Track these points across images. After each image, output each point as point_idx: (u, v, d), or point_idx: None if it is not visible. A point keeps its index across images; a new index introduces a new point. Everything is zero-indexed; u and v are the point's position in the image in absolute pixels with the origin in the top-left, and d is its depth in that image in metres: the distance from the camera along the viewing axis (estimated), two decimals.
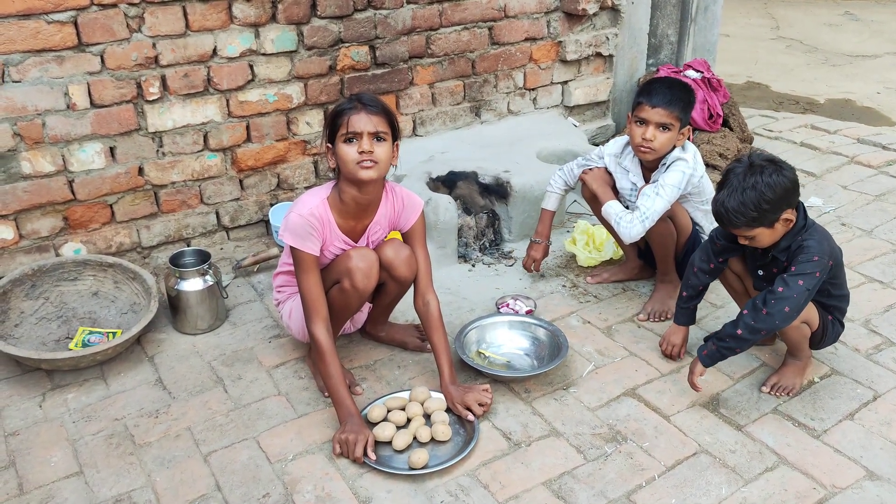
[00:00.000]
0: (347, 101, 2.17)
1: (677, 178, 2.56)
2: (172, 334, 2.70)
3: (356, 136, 2.13)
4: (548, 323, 2.62)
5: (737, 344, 2.20)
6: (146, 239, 3.02)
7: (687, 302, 2.46)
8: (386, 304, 2.51)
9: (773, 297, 2.13)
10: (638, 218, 2.54)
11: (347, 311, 2.32)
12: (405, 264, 2.34)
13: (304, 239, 2.17)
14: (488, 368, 2.44)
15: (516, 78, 3.73)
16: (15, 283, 2.63)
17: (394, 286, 2.40)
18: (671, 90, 2.54)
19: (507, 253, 3.21)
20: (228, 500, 2.00)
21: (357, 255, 2.23)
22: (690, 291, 2.44)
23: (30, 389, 2.42)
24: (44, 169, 2.72)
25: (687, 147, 2.64)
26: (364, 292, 2.25)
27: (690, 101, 2.57)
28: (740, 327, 2.17)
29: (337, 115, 2.16)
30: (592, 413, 2.30)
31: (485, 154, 3.44)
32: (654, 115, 2.53)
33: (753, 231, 2.15)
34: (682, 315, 2.48)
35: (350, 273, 2.21)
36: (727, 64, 6.36)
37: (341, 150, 2.15)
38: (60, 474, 2.08)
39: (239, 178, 3.14)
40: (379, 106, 2.17)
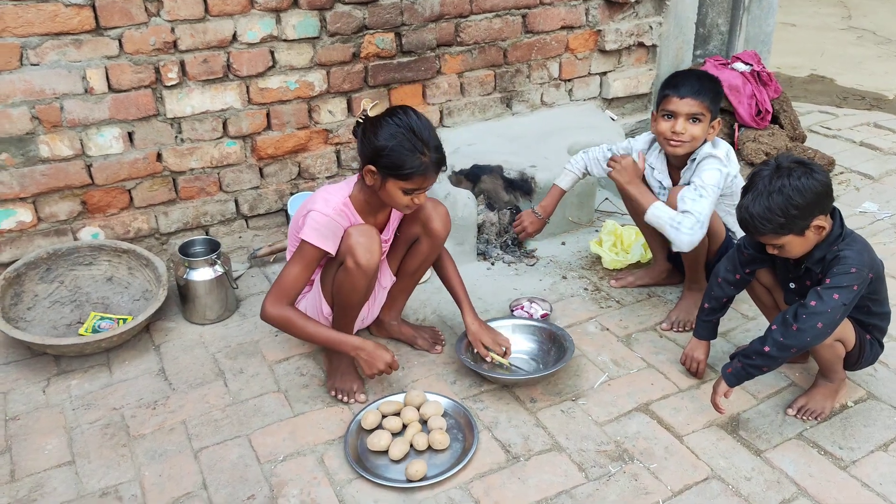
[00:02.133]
0: (414, 152, 2.02)
1: (715, 178, 2.39)
2: (181, 323, 2.68)
3: (417, 191, 2.09)
4: (553, 325, 2.50)
5: (764, 362, 2.03)
6: (164, 225, 3.01)
7: (709, 315, 2.30)
8: (411, 273, 2.43)
9: (804, 312, 1.96)
10: (695, 223, 2.33)
11: (355, 294, 2.20)
12: (441, 219, 2.30)
13: (326, 238, 2.13)
14: (489, 372, 2.34)
15: (551, 68, 3.58)
16: (30, 266, 2.65)
17: (426, 244, 2.33)
18: (699, 80, 2.40)
19: (529, 252, 3.08)
20: (213, 500, 1.95)
21: (357, 232, 2.14)
22: (713, 303, 2.28)
23: (36, 373, 2.43)
24: (62, 153, 2.72)
25: (718, 143, 2.47)
26: (368, 269, 2.14)
27: (719, 92, 2.45)
28: (768, 344, 2.00)
29: (402, 164, 2.03)
30: (600, 428, 2.17)
31: (513, 147, 3.31)
32: (682, 105, 2.38)
33: (782, 239, 1.98)
34: (702, 328, 2.33)
35: (351, 250, 2.12)
36: (789, 55, 6.04)
37: (394, 192, 2.09)
38: (53, 463, 2.08)
39: (259, 167, 3.10)
40: (445, 161, 2.12)
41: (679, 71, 2.54)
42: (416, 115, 2.07)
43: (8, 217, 2.72)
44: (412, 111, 2.08)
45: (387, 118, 2.05)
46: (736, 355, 2.11)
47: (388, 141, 2.02)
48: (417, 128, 2.04)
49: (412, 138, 2.02)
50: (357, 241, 2.13)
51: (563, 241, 3.15)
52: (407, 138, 2.02)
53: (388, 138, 2.02)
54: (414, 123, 2.04)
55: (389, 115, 2.06)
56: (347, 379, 2.32)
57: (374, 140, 2.04)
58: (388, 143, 2.02)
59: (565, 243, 3.14)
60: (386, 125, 2.04)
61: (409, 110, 2.08)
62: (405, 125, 2.03)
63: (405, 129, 2.03)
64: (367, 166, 2.08)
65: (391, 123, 2.03)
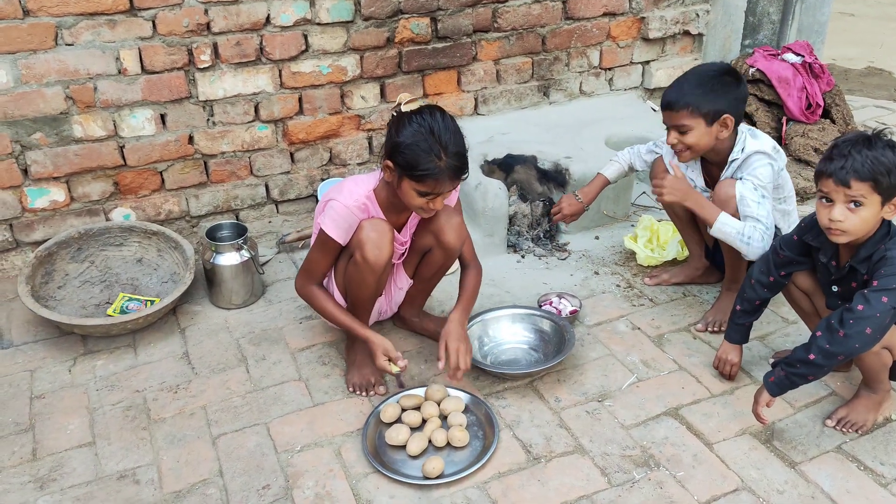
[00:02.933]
0: (430, 154, 1.94)
1: (768, 173, 2.28)
2: (207, 307, 2.67)
3: (433, 196, 2.02)
4: (555, 316, 2.43)
5: (809, 371, 1.93)
6: (195, 208, 3.01)
7: (741, 317, 2.20)
8: (427, 278, 2.37)
9: (851, 317, 1.85)
10: (765, 231, 2.24)
11: (365, 289, 2.18)
12: (454, 230, 2.21)
13: (340, 229, 2.10)
14: (489, 366, 2.28)
15: (591, 56, 3.48)
16: (61, 246, 2.67)
17: (439, 254, 2.27)
18: (679, 84, 2.31)
19: (561, 245, 3.00)
20: (228, 488, 1.94)
21: (369, 226, 2.10)
22: (745, 305, 2.18)
23: (63, 352, 2.45)
24: (95, 133, 2.73)
25: (757, 134, 2.35)
26: (376, 265, 2.10)
27: (703, 84, 2.28)
28: (813, 352, 1.90)
29: (416, 164, 1.95)
30: (626, 431, 2.10)
31: (549, 137, 3.22)
32: (668, 119, 2.32)
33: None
34: (734, 332, 2.23)
35: (360, 244, 2.09)
36: (846, 46, 5.80)
37: (410, 193, 2.02)
38: (74, 443, 2.09)
39: (290, 151, 3.07)
40: (466, 170, 2.04)
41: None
42: (443, 118, 1.99)
43: (42, 196, 2.75)
44: (441, 113, 2.00)
45: (413, 115, 1.98)
46: (778, 363, 2.01)
47: (406, 138, 1.96)
48: (438, 130, 1.95)
49: (430, 139, 1.95)
50: (367, 235, 2.08)
51: (597, 236, 3.06)
52: (425, 139, 1.94)
53: (407, 136, 1.96)
54: (437, 125, 1.96)
55: (417, 112, 1.99)
56: (366, 373, 2.28)
57: (395, 135, 1.99)
58: (405, 141, 1.96)
59: (599, 237, 3.05)
60: (409, 123, 1.97)
61: (437, 112, 2.00)
62: (426, 126, 1.95)
63: (426, 129, 1.95)
64: (386, 161, 2.03)
65: (414, 122, 1.96)
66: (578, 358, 2.38)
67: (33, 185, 2.72)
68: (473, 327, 2.39)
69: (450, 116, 2.02)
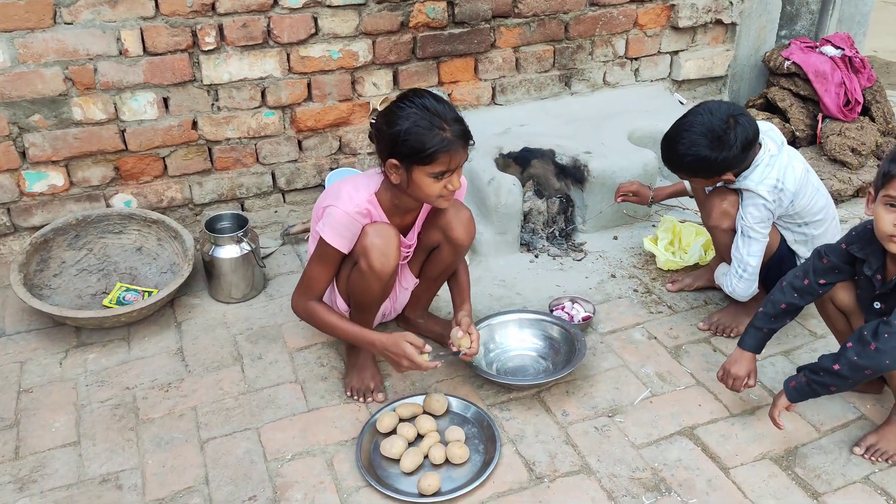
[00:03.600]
0: (433, 129, 1.81)
1: (757, 215, 2.17)
2: (206, 301, 2.58)
3: (449, 173, 1.88)
4: (566, 323, 2.31)
5: (833, 381, 1.80)
6: (198, 196, 2.91)
7: (761, 320, 1.98)
8: (434, 277, 2.25)
9: (887, 330, 1.71)
10: (735, 274, 2.24)
11: (369, 296, 2.06)
12: (463, 225, 2.09)
13: (342, 238, 1.96)
14: (494, 375, 2.16)
15: (616, 45, 3.31)
16: (58, 232, 2.58)
17: (448, 251, 2.14)
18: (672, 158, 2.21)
19: (577, 245, 2.86)
20: (213, 497, 1.84)
21: (373, 231, 1.96)
22: (769, 308, 1.96)
23: (56, 344, 2.37)
24: (95, 116, 2.63)
25: (770, 164, 2.15)
26: (382, 273, 1.98)
27: (681, 158, 2.15)
28: (840, 362, 1.76)
29: (423, 145, 1.81)
30: (637, 451, 1.97)
31: (569, 130, 3.07)
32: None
33: None
34: (749, 336, 2.00)
35: (365, 251, 1.96)
36: (890, 38, 5.53)
37: (423, 182, 1.88)
38: (58, 442, 2.01)
39: (297, 139, 2.96)
40: (470, 134, 1.91)
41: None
42: (429, 95, 1.87)
43: (40, 180, 2.67)
44: (423, 91, 1.89)
45: (397, 104, 1.86)
46: (803, 369, 1.87)
47: (401, 125, 1.82)
48: (430, 104, 1.84)
49: (427, 115, 1.82)
50: (372, 242, 1.96)
51: (616, 236, 2.91)
52: (421, 116, 1.82)
53: (400, 122, 1.83)
54: (426, 101, 1.85)
55: (397, 100, 1.87)
56: (365, 377, 2.17)
57: (386, 130, 1.85)
58: (402, 127, 1.82)
59: (617, 237, 2.90)
60: (396, 110, 1.84)
61: (418, 90, 1.88)
62: (418, 105, 1.83)
63: (417, 107, 1.83)
64: (388, 161, 1.89)
65: (402, 107, 1.84)
66: (589, 368, 2.25)
67: (31, 168, 2.64)
68: (479, 332, 2.26)
69: (430, 91, 1.91)
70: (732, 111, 2.10)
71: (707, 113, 2.10)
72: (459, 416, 2.07)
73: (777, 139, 2.20)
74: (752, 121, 2.11)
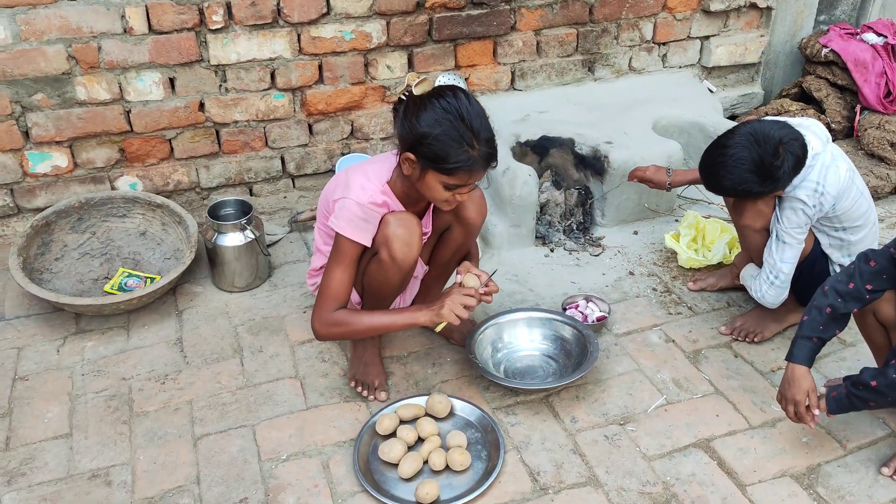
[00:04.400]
0: (462, 144, 1.70)
1: (794, 220, 2.01)
2: (209, 289, 2.51)
3: (462, 187, 1.80)
4: (577, 322, 2.19)
5: (870, 397, 1.70)
6: (205, 179, 2.83)
7: (809, 329, 1.77)
8: (444, 262, 2.15)
9: None
10: (765, 280, 2.09)
11: (387, 288, 1.97)
12: (476, 205, 2.01)
13: (362, 230, 1.86)
14: (501, 378, 2.06)
15: (643, 29, 3.16)
16: (60, 215, 2.52)
17: (459, 232, 2.05)
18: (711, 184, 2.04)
19: (595, 239, 2.73)
20: (203, 498, 1.78)
21: (395, 221, 1.87)
22: (815, 315, 1.77)
23: (55, 330, 2.32)
24: (99, 96, 2.56)
25: (811, 166, 1.98)
26: (404, 264, 1.89)
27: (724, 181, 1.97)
28: (879, 379, 1.66)
29: (446, 156, 1.72)
30: (648, 463, 1.86)
31: (590, 118, 2.94)
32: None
33: None
34: (800, 348, 1.78)
35: (387, 241, 1.86)
36: None
37: (433, 185, 1.79)
38: (50, 434, 1.95)
39: (308, 123, 2.86)
40: (497, 156, 1.80)
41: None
42: (468, 100, 1.74)
43: (43, 161, 2.61)
44: (464, 94, 1.75)
45: (433, 100, 1.72)
46: (848, 379, 1.76)
47: (432, 128, 1.70)
48: (468, 115, 1.71)
49: (460, 127, 1.70)
50: (395, 232, 1.86)
51: (636, 231, 2.78)
52: (454, 126, 1.70)
53: (432, 125, 1.71)
54: (465, 109, 1.71)
55: (437, 96, 1.73)
56: (370, 371, 2.09)
57: (416, 124, 1.73)
58: (431, 131, 1.70)
59: (638, 232, 2.78)
60: (431, 108, 1.71)
61: (460, 93, 1.75)
62: (454, 110, 1.70)
63: (454, 115, 1.70)
64: (405, 153, 1.79)
65: (437, 107, 1.71)
66: (602, 372, 2.14)
67: (35, 148, 2.58)
68: (487, 331, 2.17)
69: (473, 97, 1.77)
70: (782, 136, 1.89)
71: (754, 144, 1.88)
72: (463, 419, 1.98)
73: (822, 136, 2.03)
74: (800, 139, 1.92)
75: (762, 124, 1.91)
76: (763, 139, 1.87)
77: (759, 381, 2.11)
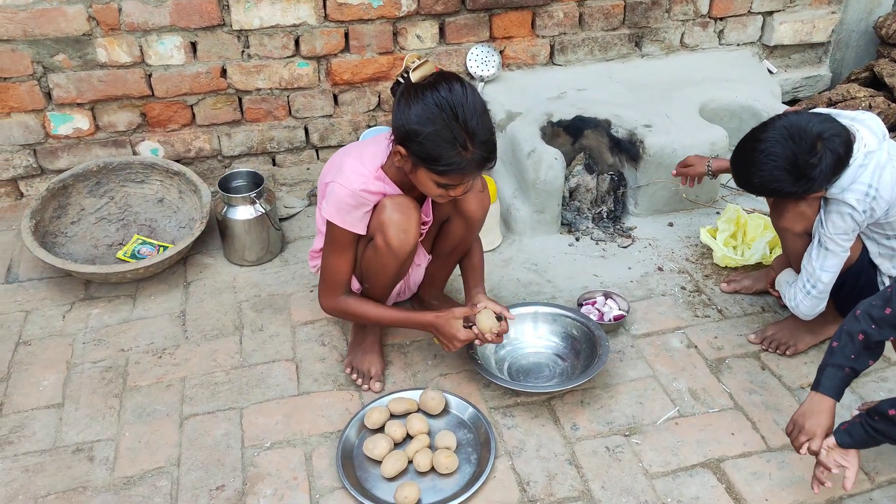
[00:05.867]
0: (455, 146, 1.58)
1: (840, 226, 1.80)
2: (219, 261, 2.46)
3: (455, 187, 1.69)
4: (589, 320, 2.05)
5: (888, 428, 1.51)
6: (227, 147, 2.78)
7: (840, 357, 1.58)
8: (446, 254, 2.04)
9: None
10: (801, 288, 1.90)
11: (384, 276, 1.88)
12: (476, 198, 1.89)
13: (351, 217, 1.77)
14: (501, 379, 1.93)
15: (699, 2, 2.91)
16: (78, 178, 2.51)
17: (459, 225, 1.94)
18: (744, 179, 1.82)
19: (625, 230, 2.56)
20: (181, 482, 1.74)
21: (392, 206, 1.77)
22: (845, 343, 1.58)
23: (64, 294, 2.31)
24: (119, 59, 2.52)
25: (849, 171, 1.75)
26: (400, 252, 1.79)
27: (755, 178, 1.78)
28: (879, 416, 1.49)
29: (437, 157, 1.60)
30: (649, 481, 1.72)
31: (632, 98, 2.74)
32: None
33: None
34: (829, 378, 1.59)
35: (383, 227, 1.77)
36: None
37: (427, 183, 1.69)
38: (43, 402, 1.95)
39: (333, 93, 2.76)
40: (495, 157, 1.67)
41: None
42: (465, 93, 1.59)
43: (65, 122, 2.59)
44: (461, 86, 1.60)
45: (427, 93, 1.58)
46: (865, 412, 1.58)
47: (423, 126, 1.57)
48: (463, 113, 1.57)
49: (454, 127, 1.57)
50: (390, 217, 1.76)
51: (672, 222, 2.59)
52: (447, 126, 1.57)
53: (424, 122, 1.57)
54: (460, 106, 1.57)
55: (432, 87, 1.59)
56: (367, 359, 2.01)
57: (408, 119, 1.60)
58: (423, 129, 1.57)
59: (673, 224, 2.58)
60: (424, 103, 1.58)
61: (456, 85, 1.60)
62: (448, 107, 1.56)
63: (447, 112, 1.56)
64: (396, 146, 1.66)
65: (430, 103, 1.57)
66: (612, 376, 2.00)
67: (57, 110, 2.56)
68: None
69: (473, 90, 1.63)
70: (822, 131, 1.68)
71: (789, 140, 1.69)
72: (456, 418, 1.88)
73: (878, 132, 1.79)
74: (844, 135, 1.71)
75: (800, 117, 1.71)
76: (799, 134, 1.67)
77: (785, 398, 1.93)
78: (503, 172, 2.61)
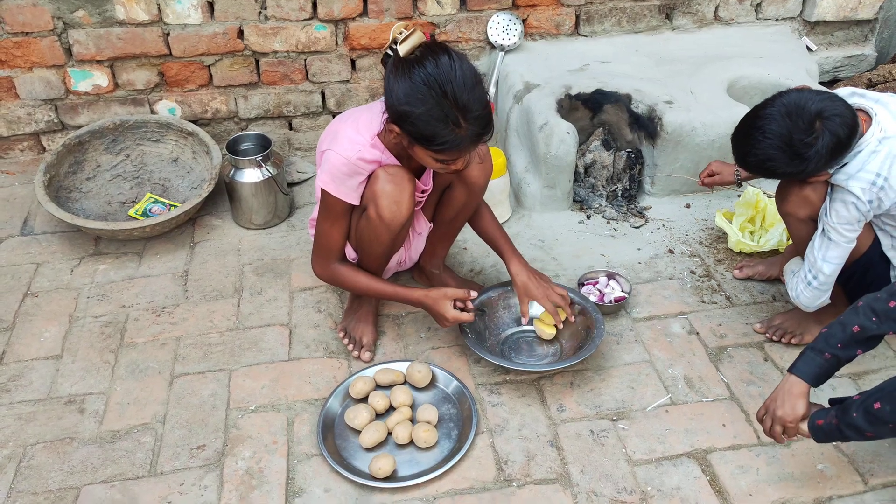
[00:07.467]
0: (447, 123, 1.54)
1: (844, 215, 1.70)
2: (227, 224, 2.47)
3: (454, 161, 1.66)
4: (586, 301, 1.99)
5: (867, 426, 1.42)
6: (243, 110, 2.77)
7: (824, 343, 1.51)
8: (448, 221, 2.01)
9: None
10: (803, 279, 1.81)
11: (378, 246, 1.86)
12: (479, 165, 1.85)
13: (345, 187, 1.75)
14: (492, 356, 1.87)
15: None
16: (95, 135, 2.54)
17: (461, 192, 1.91)
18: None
19: (640, 209, 2.48)
20: (164, 439, 1.77)
21: (385, 176, 1.74)
22: (836, 331, 1.51)
23: (74, 249, 2.36)
24: (138, 16, 2.52)
25: (875, 151, 1.65)
26: (392, 223, 1.77)
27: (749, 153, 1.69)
28: (884, 400, 1.40)
29: (431, 136, 1.57)
30: (631, 468, 1.68)
31: (658, 73, 2.63)
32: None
33: None
34: (805, 362, 1.53)
35: (375, 198, 1.75)
36: None
37: (425, 157, 1.65)
38: (42, 353, 2.00)
39: (350, 58, 2.72)
40: (491, 129, 1.62)
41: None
42: (453, 66, 1.53)
43: (85, 79, 2.62)
44: (449, 58, 1.53)
45: (414, 70, 1.52)
46: (836, 402, 1.51)
47: (414, 106, 1.53)
48: (453, 89, 1.51)
49: (444, 104, 1.52)
50: (383, 188, 1.73)
51: (688, 203, 2.50)
52: (437, 104, 1.52)
53: (414, 102, 1.52)
54: (448, 82, 1.51)
55: (418, 63, 1.53)
56: (360, 328, 2.00)
57: (398, 97, 1.55)
58: (413, 110, 1.53)
59: (690, 206, 2.49)
60: (411, 82, 1.52)
61: (443, 57, 1.53)
62: (436, 84, 1.51)
63: (436, 90, 1.51)
64: (389, 125, 1.63)
65: (418, 81, 1.51)
66: (606, 359, 1.95)
67: (77, 66, 2.59)
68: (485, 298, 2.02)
69: (462, 59, 1.56)
70: (822, 110, 1.59)
71: (786, 117, 1.60)
72: (442, 392, 1.87)
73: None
74: (847, 116, 1.60)
75: (801, 95, 1.61)
76: (797, 112, 1.58)
77: None
78: (517, 145, 2.55)
